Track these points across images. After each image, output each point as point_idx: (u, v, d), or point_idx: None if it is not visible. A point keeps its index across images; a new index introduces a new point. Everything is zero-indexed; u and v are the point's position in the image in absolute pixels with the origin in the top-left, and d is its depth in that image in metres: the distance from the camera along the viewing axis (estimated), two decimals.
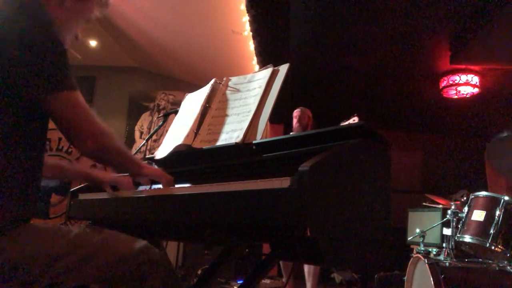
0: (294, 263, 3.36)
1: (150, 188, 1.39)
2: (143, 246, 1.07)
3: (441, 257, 2.62)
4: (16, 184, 1.01)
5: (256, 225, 0.95)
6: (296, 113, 3.72)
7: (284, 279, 4.13)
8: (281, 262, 3.60)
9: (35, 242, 0.99)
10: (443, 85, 4.83)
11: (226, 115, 1.45)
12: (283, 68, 1.45)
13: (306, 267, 3.50)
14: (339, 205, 0.92)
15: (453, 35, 3.99)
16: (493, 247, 2.37)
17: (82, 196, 1.56)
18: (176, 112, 1.78)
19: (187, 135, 1.46)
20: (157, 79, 5.71)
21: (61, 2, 1.15)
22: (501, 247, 2.35)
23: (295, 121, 3.70)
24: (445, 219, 2.93)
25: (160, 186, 1.37)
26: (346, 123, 3.46)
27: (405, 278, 2.76)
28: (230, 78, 1.60)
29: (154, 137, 3.82)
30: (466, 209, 2.66)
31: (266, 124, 1.33)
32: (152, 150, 4.39)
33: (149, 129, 5.52)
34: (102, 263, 1.01)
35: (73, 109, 1.02)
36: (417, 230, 3.08)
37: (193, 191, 1.10)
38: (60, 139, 4.21)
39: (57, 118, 1.03)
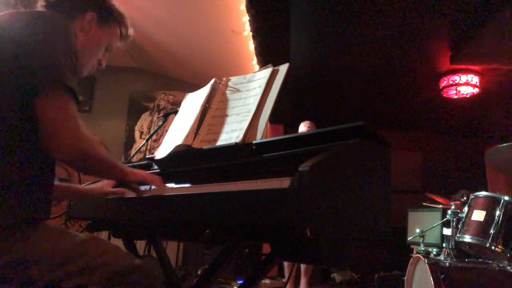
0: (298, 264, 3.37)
1: (150, 188, 1.40)
2: (142, 263, 1.09)
3: (441, 257, 2.62)
4: (30, 184, 1.02)
5: (256, 225, 0.95)
6: (307, 129, 3.71)
7: (284, 280, 4.14)
8: (284, 263, 3.60)
9: (44, 243, 1.00)
10: (443, 85, 4.83)
11: (226, 115, 1.45)
12: (283, 68, 1.45)
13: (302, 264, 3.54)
14: (339, 205, 0.92)
15: (453, 35, 3.99)
16: (493, 247, 2.37)
17: None
18: (176, 112, 1.78)
19: (187, 135, 1.46)
20: (157, 79, 5.71)
21: (81, 27, 1.22)
22: (501, 247, 2.35)
23: None
24: (445, 219, 2.93)
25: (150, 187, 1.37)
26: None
27: (405, 278, 2.76)
28: (230, 78, 1.60)
29: (154, 137, 3.82)
30: (466, 209, 2.66)
31: (266, 124, 1.33)
32: (152, 150, 4.39)
33: (149, 129, 5.51)
34: (101, 273, 1.02)
35: (55, 111, 0.98)
36: (417, 230, 3.08)
37: (193, 191, 1.10)
38: None
39: (39, 118, 0.98)
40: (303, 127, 3.80)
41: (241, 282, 1.30)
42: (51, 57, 1.01)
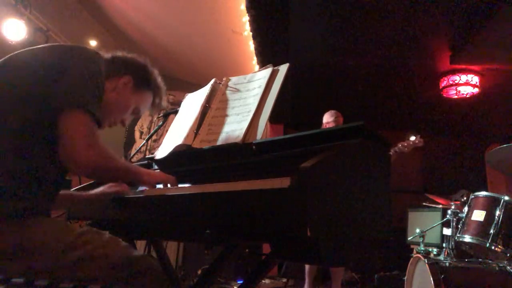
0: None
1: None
2: (141, 256, 1.10)
3: (441, 257, 2.62)
4: (36, 179, 1.08)
5: (256, 225, 0.95)
6: (333, 120, 3.40)
7: (284, 280, 4.13)
8: (306, 268, 3.45)
9: (44, 233, 1.03)
10: (443, 85, 4.83)
11: (226, 115, 1.45)
12: (283, 68, 1.45)
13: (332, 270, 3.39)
14: (339, 205, 0.92)
15: (453, 35, 3.99)
16: (493, 247, 2.36)
17: None
18: (176, 112, 1.78)
19: (187, 135, 1.46)
20: None
21: (115, 87, 1.30)
22: (501, 247, 2.35)
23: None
24: (445, 219, 2.93)
25: (160, 186, 1.37)
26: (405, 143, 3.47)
27: (405, 278, 2.76)
28: (230, 78, 1.60)
29: (154, 137, 3.81)
30: (466, 209, 2.66)
31: (266, 124, 1.33)
32: (152, 150, 4.38)
33: (149, 129, 5.51)
34: (100, 265, 1.03)
35: (73, 130, 1.06)
36: (417, 230, 3.08)
37: (193, 191, 1.10)
38: None
39: (59, 136, 1.06)
40: (328, 118, 3.46)
41: (241, 282, 1.30)
42: (76, 82, 1.09)
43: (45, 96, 1.07)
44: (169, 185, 1.30)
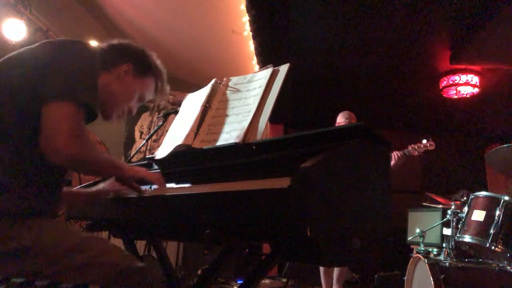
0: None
1: (150, 188, 1.40)
2: (143, 267, 1.10)
3: (441, 257, 2.62)
4: (40, 180, 1.08)
5: (256, 225, 0.95)
6: (344, 121, 3.41)
7: (284, 280, 4.13)
8: (321, 270, 3.40)
9: (48, 236, 1.03)
10: (443, 85, 4.83)
11: (226, 115, 1.45)
12: (283, 68, 1.45)
13: (335, 272, 3.38)
14: (339, 205, 0.92)
15: (453, 35, 3.99)
16: (493, 247, 2.37)
17: None
18: (176, 112, 1.78)
19: (187, 135, 1.46)
20: None
21: (117, 75, 1.30)
22: (501, 247, 2.35)
23: None
24: (445, 219, 2.94)
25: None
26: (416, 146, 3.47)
27: (405, 278, 2.76)
28: (230, 78, 1.60)
29: (154, 137, 3.82)
30: (466, 209, 2.66)
31: (266, 124, 1.33)
32: (152, 150, 4.38)
33: (149, 129, 5.51)
34: (101, 272, 1.03)
35: (55, 118, 1.02)
36: (417, 230, 3.08)
37: (193, 191, 1.10)
38: None
39: (41, 123, 1.02)
40: (340, 118, 3.48)
41: (241, 282, 1.30)
42: (64, 73, 1.07)
43: (36, 92, 1.05)
44: (155, 186, 1.30)
